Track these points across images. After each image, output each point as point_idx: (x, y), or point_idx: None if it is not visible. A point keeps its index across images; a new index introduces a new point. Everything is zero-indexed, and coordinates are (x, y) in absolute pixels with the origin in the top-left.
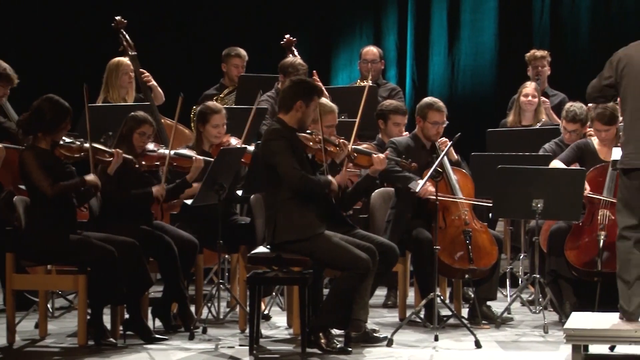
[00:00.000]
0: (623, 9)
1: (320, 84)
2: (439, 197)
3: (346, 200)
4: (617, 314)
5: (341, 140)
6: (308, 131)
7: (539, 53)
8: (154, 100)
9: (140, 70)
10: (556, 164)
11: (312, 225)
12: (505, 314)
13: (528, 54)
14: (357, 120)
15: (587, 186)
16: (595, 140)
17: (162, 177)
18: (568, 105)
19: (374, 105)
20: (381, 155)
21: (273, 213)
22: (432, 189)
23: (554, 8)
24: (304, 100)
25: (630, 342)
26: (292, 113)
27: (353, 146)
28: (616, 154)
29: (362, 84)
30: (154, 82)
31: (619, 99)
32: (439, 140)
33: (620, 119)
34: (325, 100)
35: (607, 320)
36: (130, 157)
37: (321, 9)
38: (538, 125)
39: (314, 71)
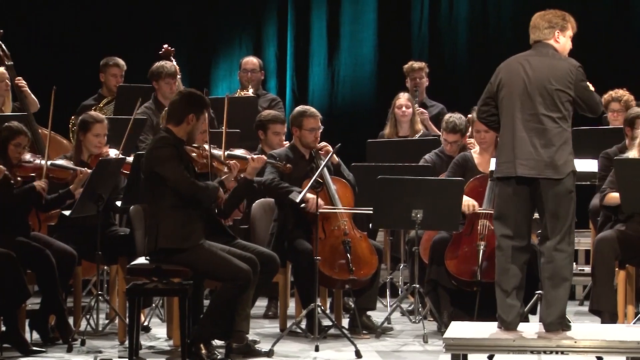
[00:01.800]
0: (500, 21)
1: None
2: (319, 209)
3: (225, 207)
4: (496, 323)
5: (232, 162)
6: (195, 145)
7: (416, 65)
8: (29, 107)
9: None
10: None
11: (193, 235)
12: (385, 324)
13: (406, 66)
14: (224, 128)
15: (475, 203)
16: (474, 153)
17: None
18: (447, 116)
19: (253, 116)
20: (256, 155)
21: (155, 221)
22: (320, 202)
23: (432, 20)
24: (195, 113)
25: (509, 351)
26: (183, 125)
27: (227, 152)
28: (494, 164)
29: (242, 94)
30: (27, 89)
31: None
32: (319, 145)
33: None
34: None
35: (486, 329)
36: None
37: (201, 18)
38: (417, 136)
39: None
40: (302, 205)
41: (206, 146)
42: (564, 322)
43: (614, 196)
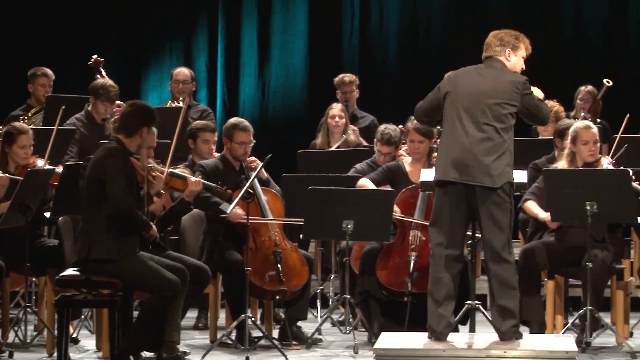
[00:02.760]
0: (430, 32)
1: None
2: (249, 220)
3: (159, 223)
4: (426, 334)
5: (158, 174)
6: (137, 156)
7: (347, 78)
8: None
9: None
10: (365, 182)
11: (126, 246)
12: (316, 335)
13: (336, 79)
14: (174, 143)
15: (396, 209)
16: (406, 162)
17: None
18: (383, 127)
19: (184, 126)
20: (196, 178)
21: (88, 230)
22: (240, 211)
23: (362, 30)
24: (148, 126)
25: None
26: (135, 138)
27: (170, 170)
28: (425, 175)
29: (173, 105)
30: None
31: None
32: (248, 159)
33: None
34: None
35: (417, 340)
36: None
37: (130, 29)
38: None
39: None
40: (223, 215)
41: (151, 161)
42: (518, 330)
43: (529, 207)
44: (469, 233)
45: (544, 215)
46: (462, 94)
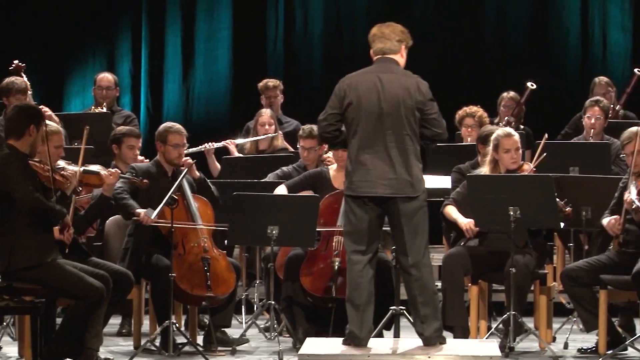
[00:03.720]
0: (354, 37)
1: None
2: (174, 224)
3: (80, 223)
4: None
5: (69, 172)
6: (37, 159)
7: (271, 83)
8: None
9: None
10: (281, 189)
11: (46, 252)
12: (242, 339)
13: (260, 84)
14: (83, 143)
15: (320, 219)
16: (331, 169)
17: None
18: (303, 126)
19: (108, 132)
20: (111, 170)
21: (8, 239)
22: (151, 215)
23: (287, 36)
24: (35, 124)
25: None
26: (25, 138)
27: (83, 168)
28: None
29: (97, 110)
30: None
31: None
32: (182, 159)
33: None
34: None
35: (341, 345)
36: None
37: (53, 34)
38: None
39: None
40: (134, 218)
41: (61, 162)
42: (442, 335)
43: (449, 212)
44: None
45: (463, 220)
46: (370, 102)
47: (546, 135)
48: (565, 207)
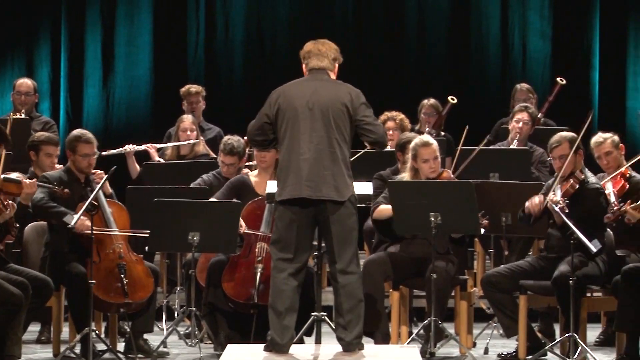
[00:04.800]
0: (275, 44)
1: None
2: (94, 231)
3: None
4: None
5: (9, 202)
6: None
7: (193, 89)
8: None
9: None
10: None
11: None
12: (162, 348)
13: (183, 90)
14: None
15: (242, 223)
16: (252, 175)
17: None
18: (226, 138)
19: (26, 138)
20: (30, 180)
21: None
22: (88, 223)
23: (208, 42)
24: None
25: None
26: None
27: (3, 175)
28: (271, 187)
29: (15, 116)
30: None
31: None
32: (93, 172)
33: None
34: None
35: (262, 352)
36: None
37: None
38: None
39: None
40: (69, 226)
41: None
42: (361, 341)
43: (385, 208)
44: (315, 243)
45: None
46: (301, 108)
47: (467, 128)
48: (482, 220)
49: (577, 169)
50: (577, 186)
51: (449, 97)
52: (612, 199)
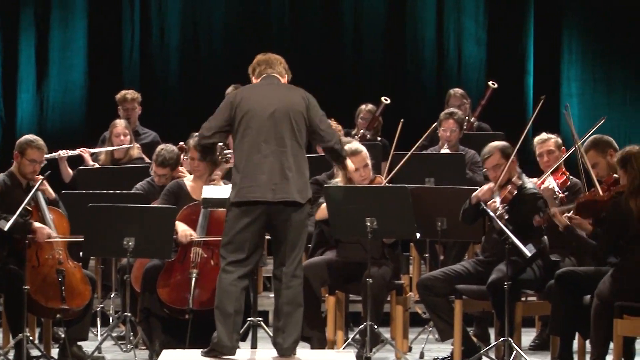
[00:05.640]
0: (211, 49)
1: None
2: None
3: None
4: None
5: None
6: None
7: (129, 95)
8: None
9: None
10: None
11: None
12: (96, 353)
13: (118, 96)
14: None
15: (192, 232)
16: (187, 180)
17: None
18: (159, 148)
19: None
20: None
21: None
22: (47, 231)
23: (143, 47)
24: None
25: None
26: None
27: None
28: (207, 192)
29: None
30: None
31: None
32: (35, 177)
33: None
34: None
35: (197, 357)
36: None
37: None
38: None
39: None
40: (4, 230)
41: None
42: (296, 347)
43: (323, 209)
44: None
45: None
46: (261, 112)
47: (402, 120)
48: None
49: (513, 175)
50: (515, 192)
51: (382, 98)
52: (557, 188)
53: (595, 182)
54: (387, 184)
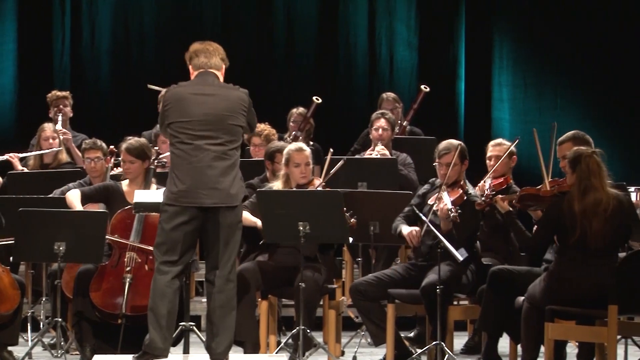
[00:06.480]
0: (143, 51)
1: None
2: None
3: None
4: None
5: None
6: None
7: (60, 94)
8: None
9: None
10: (72, 196)
11: None
12: (27, 359)
13: (49, 95)
14: None
15: (114, 234)
16: (124, 183)
17: None
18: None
19: None
20: None
21: None
22: None
23: (74, 50)
24: None
25: None
26: None
27: None
28: (139, 196)
29: None
30: None
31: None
32: None
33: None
34: None
35: None
36: None
37: None
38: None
39: None
40: None
41: None
42: (228, 353)
43: (245, 218)
44: None
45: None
46: (196, 115)
47: (331, 150)
48: (350, 219)
49: (461, 178)
50: (465, 197)
51: (314, 97)
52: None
53: (545, 178)
54: (322, 187)
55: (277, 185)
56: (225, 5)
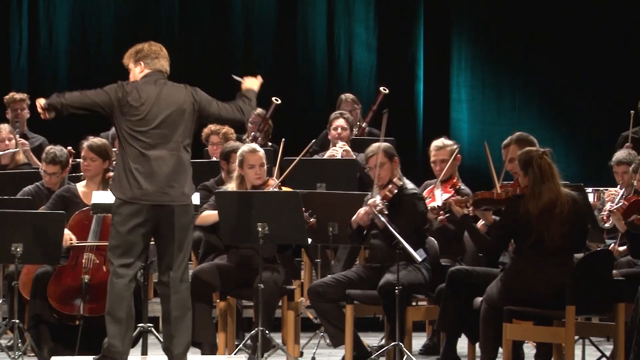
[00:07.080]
0: (101, 51)
1: None
2: None
3: None
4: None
5: None
6: None
7: (18, 96)
8: None
9: None
10: None
11: None
12: None
13: (7, 97)
14: None
15: (72, 236)
16: (80, 185)
17: None
18: (48, 148)
19: None
20: None
21: None
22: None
23: (31, 51)
24: None
25: None
26: None
27: None
28: (97, 197)
29: None
30: None
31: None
32: None
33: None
34: None
35: None
36: None
37: None
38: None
39: None
40: None
41: None
42: (186, 354)
43: (209, 214)
44: None
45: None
46: (149, 113)
47: (283, 140)
48: (309, 219)
49: (394, 176)
50: (396, 191)
51: (273, 98)
52: (438, 196)
53: (495, 182)
54: (278, 187)
55: (231, 187)
56: (182, 6)
